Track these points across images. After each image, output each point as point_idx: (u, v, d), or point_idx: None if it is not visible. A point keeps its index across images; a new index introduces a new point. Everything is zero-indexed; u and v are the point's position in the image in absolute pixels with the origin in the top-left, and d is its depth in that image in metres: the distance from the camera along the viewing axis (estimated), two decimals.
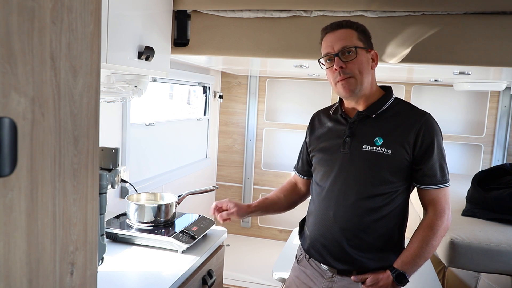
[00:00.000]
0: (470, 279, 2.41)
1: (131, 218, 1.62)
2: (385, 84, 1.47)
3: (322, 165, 1.39)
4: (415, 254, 1.28)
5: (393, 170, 1.28)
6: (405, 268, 1.27)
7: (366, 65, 1.30)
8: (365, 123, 1.33)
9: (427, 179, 1.29)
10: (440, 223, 1.29)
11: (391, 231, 1.32)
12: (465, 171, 3.20)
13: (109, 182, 1.21)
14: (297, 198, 1.57)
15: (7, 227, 0.47)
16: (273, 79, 3.48)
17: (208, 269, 1.56)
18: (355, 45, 1.27)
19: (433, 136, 1.27)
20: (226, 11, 1.70)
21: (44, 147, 0.52)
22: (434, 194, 1.30)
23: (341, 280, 1.34)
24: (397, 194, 1.31)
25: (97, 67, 0.63)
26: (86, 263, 0.64)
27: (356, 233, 1.30)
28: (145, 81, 1.67)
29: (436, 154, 1.28)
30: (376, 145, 1.28)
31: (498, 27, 1.49)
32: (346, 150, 1.32)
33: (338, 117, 1.39)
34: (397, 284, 1.27)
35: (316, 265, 1.40)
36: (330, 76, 1.33)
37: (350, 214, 1.30)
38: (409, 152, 1.27)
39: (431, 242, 1.28)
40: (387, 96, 1.37)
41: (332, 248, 1.33)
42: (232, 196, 3.61)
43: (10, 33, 0.46)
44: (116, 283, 1.27)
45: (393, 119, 1.31)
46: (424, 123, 1.28)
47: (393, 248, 1.33)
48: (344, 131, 1.35)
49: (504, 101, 3.09)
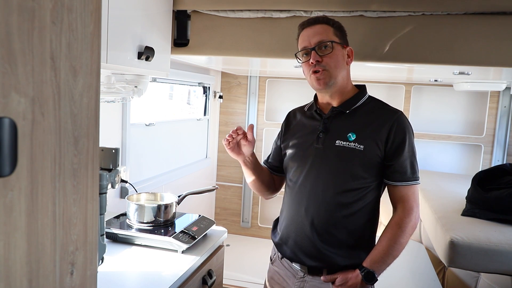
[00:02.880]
0: (470, 279, 2.41)
1: (131, 218, 1.62)
2: (385, 84, 1.47)
3: (295, 161, 1.41)
4: (384, 253, 1.29)
5: (365, 165, 1.30)
6: (374, 267, 1.29)
7: (341, 60, 1.33)
8: (339, 119, 1.36)
9: (398, 176, 1.31)
10: (408, 220, 1.30)
11: (362, 227, 1.34)
12: (465, 171, 3.20)
13: (109, 182, 1.21)
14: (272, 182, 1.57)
15: (7, 227, 0.47)
16: (273, 79, 3.47)
17: (208, 269, 1.56)
18: (331, 40, 1.31)
19: (405, 134, 1.31)
20: (226, 11, 1.70)
21: (44, 147, 0.52)
22: (404, 191, 1.32)
23: (312, 280, 1.36)
24: (369, 190, 1.33)
25: (97, 67, 0.63)
26: (86, 263, 0.64)
27: (327, 229, 1.32)
28: (145, 81, 1.67)
29: (407, 151, 1.31)
30: (349, 141, 1.31)
31: (498, 27, 1.49)
32: (320, 145, 1.35)
33: (313, 113, 1.43)
34: (366, 283, 1.28)
35: (288, 264, 1.42)
36: (306, 69, 1.36)
37: (322, 209, 1.32)
38: (381, 148, 1.30)
39: (400, 240, 1.30)
40: (361, 93, 1.41)
41: (303, 244, 1.35)
42: (232, 196, 3.61)
43: (10, 33, 0.46)
44: (116, 283, 1.27)
45: (366, 116, 1.35)
46: (396, 120, 1.31)
47: (364, 246, 1.35)
48: (318, 126, 1.38)
49: (504, 101, 3.09)
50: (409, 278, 2.24)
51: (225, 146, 1.43)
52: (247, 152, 1.44)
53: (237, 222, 3.64)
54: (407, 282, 2.19)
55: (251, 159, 1.47)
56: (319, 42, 1.30)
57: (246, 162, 1.47)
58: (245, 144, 1.42)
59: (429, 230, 2.06)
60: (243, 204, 3.60)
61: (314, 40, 1.31)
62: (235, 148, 1.43)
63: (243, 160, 1.47)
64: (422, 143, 3.24)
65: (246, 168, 1.49)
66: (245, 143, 1.42)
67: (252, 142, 1.43)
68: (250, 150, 1.44)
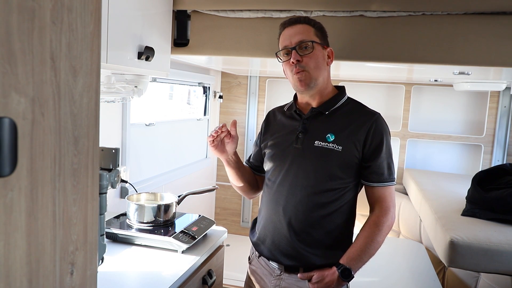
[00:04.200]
0: (470, 279, 2.41)
1: (131, 218, 1.62)
2: (385, 84, 1.48)
3: (273, 160, 1.42)
4: (361, 250, 1.31)
5: (343, 166, 1.32)
6: (351, 264, 1.30)
7: (321, 60, 1.34)
8: (318, 119, 1.38)
9: (375, 177, 1.34)
10: (385, 220, 1.33)
11: (339, 227, 1.35)
12: (465, 171, 3.20)
13: (109, 182, 1.21)
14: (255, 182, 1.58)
15: (7, 227, 0.47)
16: (273, 79, 3.47)
17: (208, 269, 1.56)
18: (312, 40, 1.32)
19: (382, 135, 1.33)
20: (226, 11, 1.70)
21: (44, 147, 0.52)
22: (381, 192, 1.35)
23: (289, 277, 1.36)
24: (346, 191, 1.35)
25: (97, 67, 0.63)
26: (86, 263, 0.64)
27: (305, 229, 1.33)
28: (145, 81, 1.67)
29: (384, 153, 1.33)
30: (327, 141, 1.33)
31: (498, 27, 1.49)
32: (299, 145, 1.36)
33: (293, 113, 1.44)
34: (342, 279, 1.29)
35: (265, 263, 1.43)
36: (287, 69, 1.37)
37: (299, 209, 1.33)
38: (359, 149, 1.32)
39: (376, 238, 1.32)
40: (340, 94, 1.42)
41: (281, 243, 1.36)
42: (232, 196, 3.61)
43: (10, 33, 0.46)
44: (116, 283, 1.27)
45: (345, 117, 1.36)
46: (374, 122, 1.33)
47: (341, 246, 1.36)
48: (297, 126, 1.39)
49: (504, 101, 3.09)
50: (409, 278, 2.24)
51: (209, 144, 1.42)
52: (230, 150, 1.44)
53: (237, 222, 3.64)
54: (407, 282, 2.19)
55: (234, 158, 1.47)
56: (299, 41, 1.32)
57: (229, 161, 1.47)
58: (228, 141, 1.42)
59: (429, 230, 2.06)
60: (243, 204, 3.60)
61: (295, 39, 1.32)
62: (218, 146, 1.42)
63: (226, 159, 1.47)
64: (422, 143, 3.24)
65: (229, 167, 1.50)
66: (228, 141, 1.42)
67: (235, 139, 1.43)
68: (234, 147, 1.44)
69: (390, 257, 2.44)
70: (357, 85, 3.21)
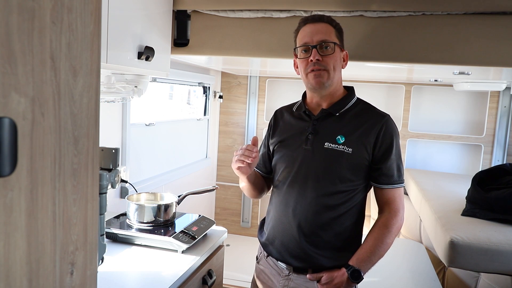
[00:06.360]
0: (470, 279, 2.41)
1: (131, 218, 1.62)
2: (385, 84, 1.48)
3: (283, 161, 1.40)
4: (370, 252, 1.30)
5: (353, 168, 1.31)
6: (360, 265, 1.29)
7: (339, 62, 1.34)
8: (328, 121, 1.36)
9: (385, 179, 1.33)
10: (395, 221, 1.33)
11: (348, 229, 1.35)
12: (465, 171, 3.20)
13: (109, 182, 1.21)
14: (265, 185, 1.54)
15: (7, 227, 0.47)
16: (273, 79, 3.47)
17: (208, 269, 1.56)
18: (334, 41, 1.31)
19: (392, 137, 1.32)
20: (226, 11, 1.70)
21: (44, 147, 0.52)
22: (390, 194, 1.34)
23: (298, 278, 1.36)
24: (356, 193, 1.34)
25: (97, 67, 0.63)
26: (86, 263, 0.64)
27: (314, 231, 1.32)
28: (145, 81, 1.67)
29: (394, 154, 1.32)
30: (337, 143, 1.31)
31: (498, 27, 1.49)
32: (308, 147, 1.34)
33: (302, 114, 1.42)
34: (352, 281, 1.29)
35: (273, 263, 1.42)
36: (301, 66, 1.34)
37: (309, 211, 1.32)
38: (369, 152, 1.31)
39: (386, 240, 1.31)
40: (350, 95, 1.41)
41: (289, 244, 1.35)
42: (232, 196, 3.61)
43: (10, 33, 0.46)
44: (116, 283, 1.27)
45: (355, 119, 1.35)
46: (384, 124, 1.32)
47: (350, 248, 1.35)
48: (307, 128, 1.37)
49: (504, 101, 3.09)
50: (409, 278, 2.24)
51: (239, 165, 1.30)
52: (252, 167, 1.36)
53: (237, 222, 3.64)
54: (407, 282, 2.19)
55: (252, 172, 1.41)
56: (322, 41, 1.30)
57: (249, 177, 1.41)
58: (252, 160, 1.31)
59: (429, 230, 2.06)
60: (243, 204, 3.60)
61: (317, 38, 1.30)
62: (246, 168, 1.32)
63: (247, 176, 1.38)
64: (422, 143, 3.24)
65: (247, 181, 1.42)
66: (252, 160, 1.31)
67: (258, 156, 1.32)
68: (256, 164, 1.35)
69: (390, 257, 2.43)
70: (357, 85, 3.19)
